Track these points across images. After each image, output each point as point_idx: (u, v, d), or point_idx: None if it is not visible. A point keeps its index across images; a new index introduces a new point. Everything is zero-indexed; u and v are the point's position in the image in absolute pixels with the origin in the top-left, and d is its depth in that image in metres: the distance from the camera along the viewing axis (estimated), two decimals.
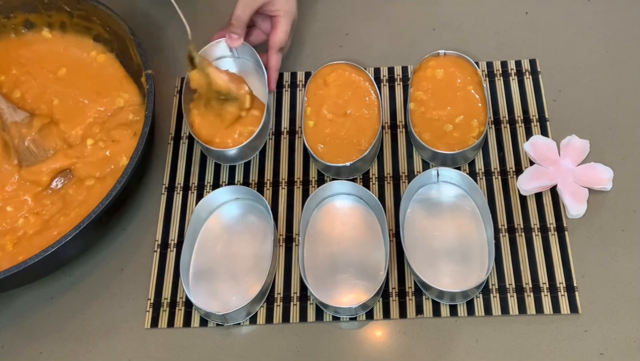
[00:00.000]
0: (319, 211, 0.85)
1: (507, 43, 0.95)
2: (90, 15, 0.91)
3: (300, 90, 0.95)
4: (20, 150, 0.87)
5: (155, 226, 0.87)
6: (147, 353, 0.79)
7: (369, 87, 0.90)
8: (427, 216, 0.83)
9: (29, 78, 0.93)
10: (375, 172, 0.88)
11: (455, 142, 0.85)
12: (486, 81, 0.92)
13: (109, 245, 0.86)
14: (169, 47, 1.00)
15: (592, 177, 0.83)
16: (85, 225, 0.75)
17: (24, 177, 0.86)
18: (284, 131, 0.92)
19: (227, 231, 0.85)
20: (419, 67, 0.90)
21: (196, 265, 0.83)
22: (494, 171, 0.86)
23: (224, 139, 0.86)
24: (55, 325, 0.82)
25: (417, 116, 0.88)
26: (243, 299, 0.78)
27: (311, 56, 0.97)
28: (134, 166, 0.79)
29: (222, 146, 0.86)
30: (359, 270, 0.81)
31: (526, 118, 0.89)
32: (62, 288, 0.84)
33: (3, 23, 0.94)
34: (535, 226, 0.82)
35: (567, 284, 0.79)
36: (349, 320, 0.79)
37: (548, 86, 0.91)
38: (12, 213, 0.85)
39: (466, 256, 0.80)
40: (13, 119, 0.87)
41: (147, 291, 0.83)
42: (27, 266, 0.74)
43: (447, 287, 0.77)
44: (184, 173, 0.90)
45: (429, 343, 0.77)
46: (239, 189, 0.85)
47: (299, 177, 0.88)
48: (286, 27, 0.90)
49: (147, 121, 0.81)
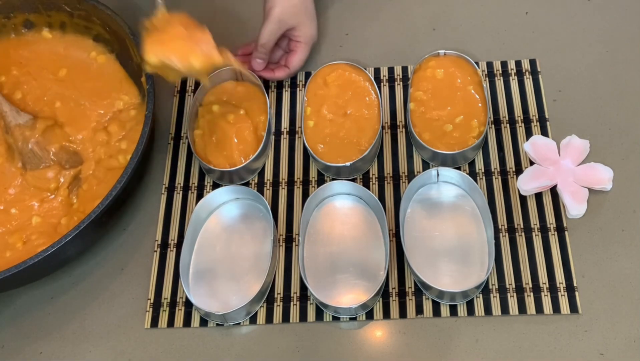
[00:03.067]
0: (319, 211, 0.85)
1: (507, 43, 0.95)
2: (91, 15, 0.91)
3: (300, 90, 0.95)
4: (24, 152, 0.87)
5: (155, 226, 0.87)
6: (147, 353, 0.79)
7: (369, 87, 0.90)
8: (427, 216, 0.83)
9: (30, 79, 0.94)
10: (375, 172, 0.88)
11: (455, 142, 0.85)
12: (486, 81, 0.92)
13: (109, 245, 0.86)
14: None
15: (592, 177, 0.83)
16: (85, 225, 0.75)
17: (29, 182, 0.86)
18: (284, 131, 0.92)
19: (227, 231, 0.85)
20: (419, 67, 0.90)
21: (196, 265, 0.83)
22: (494, 171, 0.86)
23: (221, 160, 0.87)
24: (55, 325, 0.82)
25: (417, 116, 0.88)
26: (243, 299, 0.78)
27: (311, 56, 0.96)
28: (134, 166, 0.79)
29: (220, 166, 0.86)
30: (359, 270, 0.81)
31: (526, 118, 0.89)
32: (62, 288, 0.84)
33: (3, 23, 0.94)
34: (535, 226, 0.82)
35: (567, 284, 0.79)
36: (349, 320, 0.79)
37: (548, 86, 0.91)
38: (17, 214, 0.85)
39: (466, 256, 0.80)
40: (16, 121, 0.87)
41: (147, 291, 0.83)
42: (27, 266, 0.74)
43: (447, 287, 0.77)
44: (184, 173, 0.90)
45: (429, 343, 0.77)
46: (239, 189, 0.85)
47: (299, 177, 0.88)
48: (306, 54, 0.93)
49: (147, 121, 0.81)
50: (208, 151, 0.87)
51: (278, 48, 0.94)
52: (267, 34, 0.88)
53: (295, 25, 0.90)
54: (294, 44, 0.92)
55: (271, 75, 0.93)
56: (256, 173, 0.89)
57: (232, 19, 1.01)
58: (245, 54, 0.94)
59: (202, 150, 0.88)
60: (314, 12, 0.92)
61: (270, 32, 0.88)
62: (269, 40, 0.89)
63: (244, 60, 0.93)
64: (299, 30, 0.90)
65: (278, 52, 0.95)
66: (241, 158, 0.87)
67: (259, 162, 0.88)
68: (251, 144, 0.88)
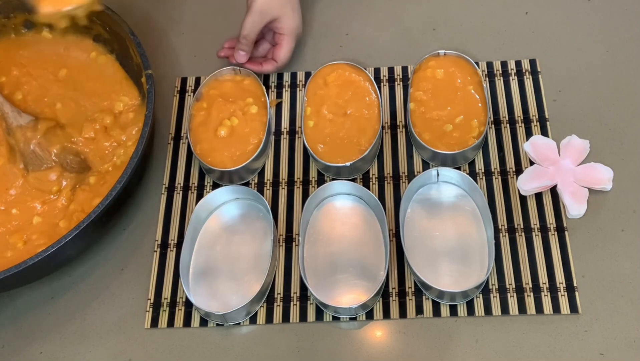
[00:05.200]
0: (319, 211, 0.85)
1: (507, 43, 0.95)
2: (90, 15, 0.91)
3: (300, 90, 0.95)
4: (26, 154, 0.86)
5: (155, 226, 0.87)
6: (147, 353, 0.79)
7: (369, 87, 0.90)
8: (427, 216, 0.83)
9: (30, 79, 0.94)
10: (375, 172, 0.88)
11: (455, 142, 0.85)
12: (486, 81, 0.92)
13: (109, 245, 0.86)
14: (169, 47, 1.00)
15: (592, 177, 0.83)
16: (85, 225, 0.75)
17: (31, 183, 0.86)
18: (284, 131, 0.92)
19: (227, 231, 0.85)
20: (419, 67, 0.90)
21: (196, 265, 0.83)
22: (494, 171, 0.86)
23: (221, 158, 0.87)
24: (55, 325, 0.82)
25: (417, 116, 0.88)
26: (243, 299, 0.78)
27: (311, 56, 0.97)
28: (134, 166, 0.79)
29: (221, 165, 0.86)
30: (359, 270, 0.81)
31: (526, 118, 0.89)
32: (62, 288, 0.84)
33: (3, 23, 0.95)
34: (535, 226, 0.82)
35: (567, 284, 0.79)
36: (349, 320, 0.79)
37: (548, 86, 0.91)
38: (17, 214, 0.85)
39: (466, 256, 0.80)
40: (18, 122, 0.87)
41: (147, 291, 0.83)
42: (27, 266, 0.74)
43: (447, 287, 0.77)
44: (184, 173, 0.90)
45: (429, 343, 0.77)
46: (239, 189, 0.85)
47: (299, 177, 0.88)
48: (291, 45, 0.93)
49: (147, 121, 0.81)
50: (208, 150, 0.87)
51: (264, 41, 0.95)
52: (249, 26, 0.89)
53: (277, 17, 0.90)
54: (278, 36, 0.93)
55: (259, 68, 0.93)
56: (256, 173, 0.89)
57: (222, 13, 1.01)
58: (231, 48, 0.94)
59: (201, 149, 0.88)
60: (297, 4, 0.93)
61: (252, 24, 0.89)
62: (250, 31, 0.89)
63: (229, 53, 0.94)
64: (282, 22, 0.91)
65: (265, 45, 0.95)
66: (241, 158, 0.87)
67: (259, 162, 0.88)
68: (251, 144, 0.87)
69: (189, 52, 0.93)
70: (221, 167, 0.86)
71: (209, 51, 0.98)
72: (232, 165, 0.86)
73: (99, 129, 0.89)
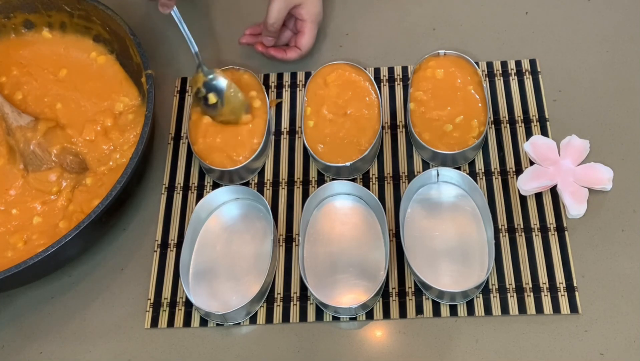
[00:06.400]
0: (319, 211, 0.85)
1: (507, 43, 0.95)
2: (90, 15, 0.91)
3: (300, 90, 0.95)
4: (26, 154, 0.86)
5: (155, 226, 0.87)
6: (147, 353, 0.79)
7: (369, 87, 0.90)
8: (427, 216, 0.83)
9: (30, 79, 0.94)
10: (375, 172, 0.88)
11: (455, 142, 0.85)
12: (486, 81, 0.92)
13: (109, 245, 0.86)
14: (169, 47, 1.00)
15: (592, 177, 0.83)
16: (85, 225, 0.75)
17: (31, 184, 0.86)
18: (284, 131, 0.92)
19: (227, 231, 0.85)
20: (419, 67, 0.90)
21: (196, 265, 0.83)
22: (494, 171, 0.86)
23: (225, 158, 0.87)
24: (55, 325, 0.82)
25: (417, 116, 0.88)
26: (243, 299, 0.78)
27: (311, 56, 0.97)
28: (134, 166, 0.79)
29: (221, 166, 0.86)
30: (359, 270, 0.81)
31: (526, 118, 0.89)
32: (62, 288, 0.84)
33: (3, 23, 0.95)
34: (535, 226, 0.82)
35: (567, 284, 0.79)
36: (349, 320, 0.79)
37: (548, 86, 0.91)
38: (18, 214, 0.85)
39: (466, 256, 0.80)
40: (18, 123, 0.87)
41: (147, 291, 0.83)
42: (27, 266, 0.74)
43: (447, 287, 0.77)
44: (184, 173, 0.90)
45: (429, 343, 0.77)
46: (239, 189, 0.85)
47: (299, 178, 0.88)
48: (314, 32, 0.94)
49: (147, 121, 0.81)
50: (207, 149, 0.87)
51: (286, 29, 0.95)
52: (275, 13, 0.89)
53: (301, 3, 0.90)
54: (300, 23, 0.93)
55: (283, 55, 0.94)
56: (256, 173, 0.89)
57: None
58: (253, 34, 0.95)
59: (201, 149, 0.87)
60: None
61: (278, 11, 0.89)
62: (277, 19, 0.89)
63: (252, 40, 0.94)
64: (304, 7, 0.91)
65: (286, 34, 0.96)
66: (241, 158, 0.87)
67: (259, 162, 0.88)
68: (251, 144, 0.87)
69: (189, 52, 0.92)
70: (221, 167, 0.86)
71: (209, 51, 0.98)
72: (231, 165, 0.86)
73: (100, 131, 0.89)
